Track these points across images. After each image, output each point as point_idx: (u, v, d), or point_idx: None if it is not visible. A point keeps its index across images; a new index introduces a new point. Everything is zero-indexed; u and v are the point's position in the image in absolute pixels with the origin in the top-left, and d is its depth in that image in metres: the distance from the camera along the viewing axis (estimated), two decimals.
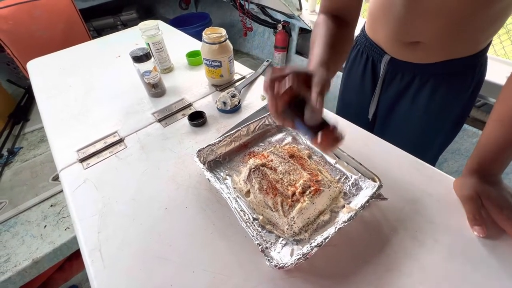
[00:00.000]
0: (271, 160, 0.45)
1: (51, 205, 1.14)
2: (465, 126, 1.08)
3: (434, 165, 0.49)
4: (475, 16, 0.46)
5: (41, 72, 0.84)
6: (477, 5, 0.45)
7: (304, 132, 0.35)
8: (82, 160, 0.53)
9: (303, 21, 1.61)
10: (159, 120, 0.62)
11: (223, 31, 0.66)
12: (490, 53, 0.59)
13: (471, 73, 0.56)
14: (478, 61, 0.55)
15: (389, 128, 0.70)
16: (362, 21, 0.68)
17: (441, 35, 0.51)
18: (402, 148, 0.51)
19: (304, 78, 0.34)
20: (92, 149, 0.55)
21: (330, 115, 0.60)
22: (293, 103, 0.34)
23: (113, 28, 2.28)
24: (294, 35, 1.82)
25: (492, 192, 0.39)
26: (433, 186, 0.44)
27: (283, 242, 0.37)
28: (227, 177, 0.47)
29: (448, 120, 0.63)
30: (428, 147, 0.68)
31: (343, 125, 0.57)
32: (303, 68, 0.35)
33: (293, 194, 0.40)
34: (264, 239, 0.37)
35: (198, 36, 0.81)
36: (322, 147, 0.34)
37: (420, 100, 0.61)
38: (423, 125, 0.64)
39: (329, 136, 0.33)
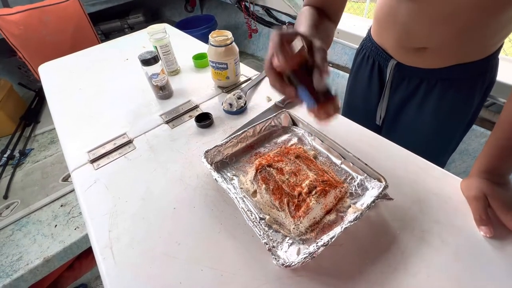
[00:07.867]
0: (277, 161, 0.46)
1: (61, 205, 1.16)
2: (473, 126, 1.06)
3: (443, 168, 0.48)
4: (485, 22, 0.45)
5: (53, 75, 0.87)
6: (487, 11, 0.44)
7: (306, 99, 0.34)
8: (93, 161, 0.55)
9: None
10: (167, 122, 0.63)
11: (229, 34, 0.67)
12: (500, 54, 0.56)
13: (481, 78, 0.55)
14: (488, 65, 0.54)
15: (396, 133, 0.69)
16: (368, 25, 0.68)
17: (448, 41, 0.50)
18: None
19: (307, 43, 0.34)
20: (102, 150, 0.57)
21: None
22: (298, 69, 0.33)
23: (120, 31, 2.32)
24: None
25: (499, 193, 0.39)
26: (440, 186, 0.44)
27: (290, 241, 0.38)
28: (234, 177, 0.47)
29: (456, 125, 0.62)
30: (436, 151, 0.67)
31: (349, 127, 0.58)
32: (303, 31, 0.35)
33: (299, 194, 0.41)
34: (271, 238, 0.38)
35: (204, 39, 0.82)
36: (321, 115, 0.34)
37: (427, 105, 0.60)
38: (431, 130, 0.63)
39: (329, 104, 0.33)
